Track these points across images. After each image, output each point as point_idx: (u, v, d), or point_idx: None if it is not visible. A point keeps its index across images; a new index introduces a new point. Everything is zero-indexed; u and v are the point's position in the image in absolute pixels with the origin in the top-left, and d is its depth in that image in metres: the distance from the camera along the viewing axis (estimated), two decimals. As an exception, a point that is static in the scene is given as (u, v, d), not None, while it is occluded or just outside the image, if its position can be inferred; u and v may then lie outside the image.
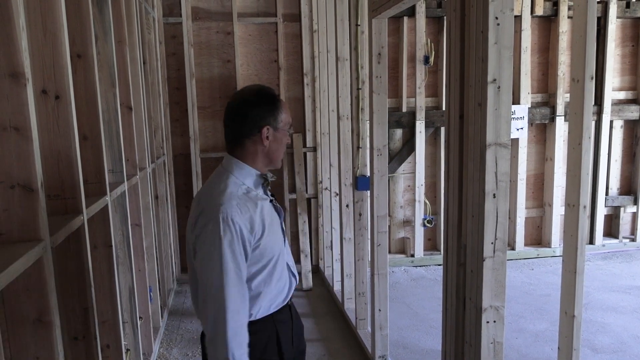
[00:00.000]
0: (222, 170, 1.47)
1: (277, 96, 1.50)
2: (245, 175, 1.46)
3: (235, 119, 1.45)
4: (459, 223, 1.62)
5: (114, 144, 2.41)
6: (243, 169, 1.46)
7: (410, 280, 4.31)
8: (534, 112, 4.71)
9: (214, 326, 1.34)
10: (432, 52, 4.52)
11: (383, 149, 2.63)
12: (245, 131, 1.44)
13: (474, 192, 1.51)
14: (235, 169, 1.45)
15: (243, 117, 1.43)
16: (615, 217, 5.05)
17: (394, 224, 4.77)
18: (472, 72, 1.49)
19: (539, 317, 3.51)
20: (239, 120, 1.44)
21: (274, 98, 1.48)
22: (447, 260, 1.73)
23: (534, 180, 4.93)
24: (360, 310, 3.20)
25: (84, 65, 1.98)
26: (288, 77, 4.43)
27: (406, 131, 4.68)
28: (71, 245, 1.68)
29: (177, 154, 4.36)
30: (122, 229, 2.49)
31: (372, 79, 2.57)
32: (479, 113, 1.47)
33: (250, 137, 1.44)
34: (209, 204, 1.38)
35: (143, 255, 2.89)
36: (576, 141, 1.67)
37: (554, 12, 4.63)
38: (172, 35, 4.23)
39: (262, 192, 1.49)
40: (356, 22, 3.01)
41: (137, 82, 3.02)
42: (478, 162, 1.48)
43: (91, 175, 2.03)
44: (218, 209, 1.35)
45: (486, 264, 1.49)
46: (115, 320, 2.12)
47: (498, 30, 1.40)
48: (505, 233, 1.50)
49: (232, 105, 1.47)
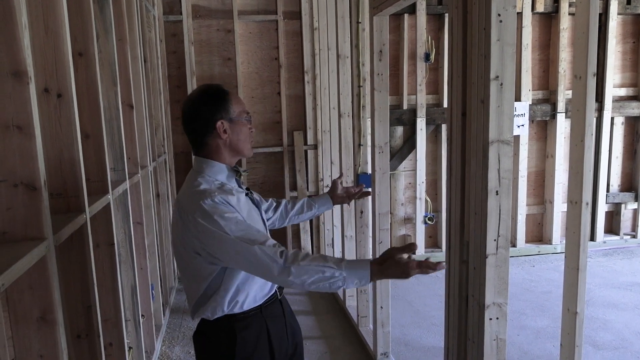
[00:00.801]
0: (193, 173, 1.52)
1: (223, 89, 1.53)
2: (216, 171, 1.50)
3: (190, 121, 1.50)
4: (461, 220, 1.62)
5: (116, 142, 2.41)
6: (213, 166, 1.50)
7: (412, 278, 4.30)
8: (535, 109, 4.71)
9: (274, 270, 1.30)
10: (433, 49, 4.51)
11: (385, 146, 2.63)
12: (202, 130, 1.49)
13: (477, 189, 1.51)
14: (205, 168, 1.49)
15: (196, 118, 1.49)
16: (616, 213, 5.05)
17: (395, 222, 4.77)
18: (475, 69, 1.49)
19: (540, 314, 3.51)
20: (193, 122, 1.49)
21: (221, 92, 1.52)
22: (450, 258, 1.73)
23: (535, 177, 4.93)
24: (361, 307, 3.20)
25: (86, 64, 1.98)
26: (289, 75, 4.43)
27: (407, 129, 4.68)
28: (74, 243, 1.68)
29: (178, 152, 4.36)
30: (124, 227, 2.49)
31: (373, 77, 2.57)
32: (482, 110, 1.46)
33: (208, 134, 1.48)
34: (189, 202, 1.42)
35: (145, 253, 2.90)
36: (578, 138, 1.67)
37: (555, 9, 4.62)
38: (172, 33, 4.23)
39: (236, 185, 1.53)
40: (357, 20, 3.00)
41: (138, 80, 3.02)
42: (480, 159, 1.48)
43: (93, 173, 2.03)
44: (198, 201, 1.38)
45: (489, 261, 1.50)
46: (117, 318, 2.13)
47: (501, 27, 1.40)
48: (508, 230, 1.50)
49: (184, 109, 1.52)
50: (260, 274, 1.37)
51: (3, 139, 1.22)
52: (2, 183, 1.24)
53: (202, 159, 1.50)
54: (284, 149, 4.44)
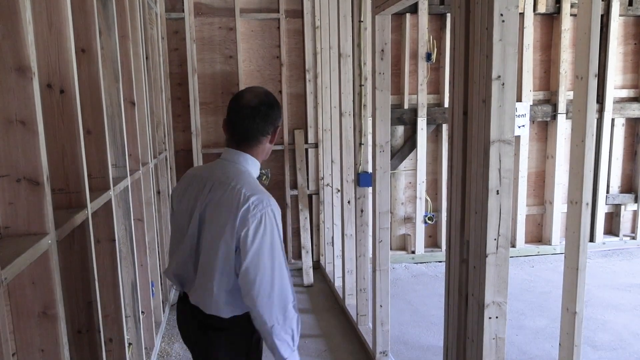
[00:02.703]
0: (238, 165, 1.54)
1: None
2: (255, 169, 1.56)
3: (257, 118, 1.51)
4: (461, 219, 1.63)
5: (117, 138, 2.41)
6: (255, 164, 1.56)
7: (411, 277, 4.32)
8: (536, 109, 4.71)
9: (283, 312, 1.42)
10: (435, 49, 4.52)
11: (385, 145, 2.63)
12: (263, 129, 1.53)
13: (477, 189, 1.52)
14: (250, 164, 1.54)
15: (265, 117, 1.52)
16: (616, 215, 5.06)
17: (395, 221, 4.78)
18: (477, 69, 1.49)
19: (539, 314, 3.52)
20: (261, 119, 1.52)
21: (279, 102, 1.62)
22: (450, 257, 1.74)
23: (535, 177, 4.94)
24: (361, 306, 3.21)
25: (88, 60, 1.98)
26: (290, 73, 4.43)
27: (408, 128, 4.69)
28: (75, 239, 1.69)
29: (179, 149, 4.37)
30: (125, 223, 2.50)
31: (375, 76, 2.58)
32: (483, 110, 1.47)
33: (266, 135, 1.54)
34: (258, 199, 1.42)
35: (145, 250, 2.90)
36: (579, 138, 1.67)
37: (557, 10, 4.62)
38: (174, 30, 4.23)
39: None
40: (359, 19, 3.01)
41: (140, 77, 3.02)
42: (482, 159, 1.49)
43: (95, 169, 2.03)
44: (267, 204, 1.42)
45: (489, 260, 1.50)
46: (118, 314, 2.13)
47: (503, 27, 1.40)
48: (508, 229, 1.51)
49: (253, 104, 1.52)
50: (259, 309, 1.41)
51: (6, 134, 1.23)
52: (5, 178, 1.25)
53: (246, 155, 1.54)
54: (284, 147, 4.45)
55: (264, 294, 1.39)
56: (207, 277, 1.48)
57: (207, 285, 1.48)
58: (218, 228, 1.44)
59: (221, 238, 1.43)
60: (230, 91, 4.35)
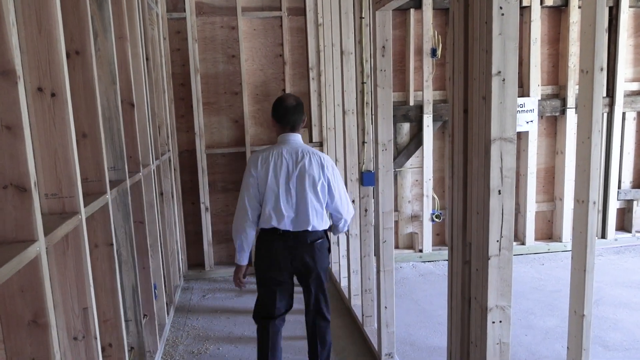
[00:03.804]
0: (300, 140, 2.50)
1: None
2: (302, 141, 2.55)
3: (300, 112, 2.50)
4: (463, 220, 1.57)
5: (116, 141, 2.38)
6: (301, 138, 2.52)
7: (419, 276, 4.27)
8: (544, 104, 4.63)
9: (349, 205, 2.57)
10: (440, 44, 4.45)
11: (388, 143, 2.58)
12: (301, 119, 2.52)
13: (479, 189, 1.47)
14: (300, 138, 2.52)
15: (301, 111, 2.52)
16: (628, 210, 4.96)
17: (401, 219, 4.72)
18: (476, 65, 1.44)
19: (549, 314, 3.45)
20: (300, 114, 2.51)
21: None
22: (452, 259, 1.69)
23: (545, 173, 4.85)
24: (366, 307, 3.17)
25: (82, 62, 1.96)
26: (293, 72, 4.39)
27: (414, 125, 4.63)
28: (70, 244, 1.67)
29: (183, 150, 4.34)
30: (125, 226, 2.47)
31: (376, 73, 2.53)
32: (484, 107, 1.42)
33: (302, 122, 2.54)
34: (327, 158, 2.49)
35: (147, 252, 2.88)
36: (585, 135, 1.61)
37: (565, 2, 4.53)
38: (176, 30, 4.21)
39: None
40: (360, 15, 2.95)
41: (140, 78, 3.00)
42: (483, 158, 1.44)
43: (91, 173, 2.01)
44: (327, 156, 2.53)
45: (491, 263, 1.45)
46: (117, 319, 2.11)
47: (502, 21, 1.35)
48: (511, 230, 1.46)
49: (297, 103, 2.51)
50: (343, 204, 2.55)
51: (-9, 140, 1.20)
52: (-9, 184, 1.22)
53: (298, 134, 2.50)
54: (289, 146, 4.40)
55: (342, 203, 2.50)
56: (306, 209, 2.38)
57: (308, 214, 2.38)
58: (313, 178, 2.39)
59: (317, 183, 2.39)
60: (234, 91, 4.32)
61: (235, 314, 3.60)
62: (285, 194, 2.37)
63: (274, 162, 2.38)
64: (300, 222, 2.38)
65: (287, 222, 2.38)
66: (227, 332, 3.33)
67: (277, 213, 2.37)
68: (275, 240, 2.40)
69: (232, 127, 4.37)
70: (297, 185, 2.37)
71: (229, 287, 4.14)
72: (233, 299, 3.89)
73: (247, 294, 3.96)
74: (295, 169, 2.37)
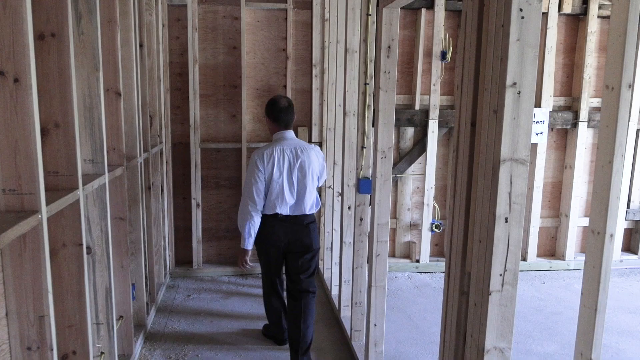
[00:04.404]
0: (294, 137, 2.88)
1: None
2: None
3: (292, 112, 2.89)
4: (463, 247, 1.40)
5: (96, 132, 2.22)
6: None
7: (414, 288, 4.10)
8: (556, 116, 4.44)
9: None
10: (450, 47, 4.27)
11: (388, 151, 2.41)
12: (293, 117, 2.92)
13: (483, 214, 1.30)
14: (294, 135, 2.90)
15: (293, 111, 2.91)
16: (635, 231, 4.77)
17: (399, 227, 4.55)
18: (489, 73, 1.27)
19: (548, 338, 3.28)
20: (293, 113, 2.90)
21: None
22: (448, 287, 1.51)
23: (551, 188, 4.67)
24: (355, 320, 3.00)
25: (59, 46, 1.79)
26: (296, 68, 4.21)
27: (418, 130, 4.45)
28: (27, 246, 1.51)
29: (177, 142, 4.18)
30: (102, 224, 2.31)
31: (379, 75, 2.35)
32: (494, 122, 1.24)
33: (293, 121, 2.93)
34: (318, 148, 2.91)
35: (127, 250, 2.72)
36: (606, 159, 1.43)
37: (584, 11, 4.33)
38: (176, 18, 4.03)
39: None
40: (367, 11, 2.77)
41: (130, 66, 2.83)
42: (489, 180, 1.26)
43: (62, 166, 1.85)
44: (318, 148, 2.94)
45: (492, 299, 1.28)
46: (82, 324, 1.95)
47: (522, 25, 1.17)
48: (516, 264, 1.28)
49: (289, 104, 2.89)
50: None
51: None
52: None
53: (292, 131, 2.89)
54: (287, 145, 4.23)
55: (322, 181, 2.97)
56: (303, 196, 2.77)
57: (304, 200, 2.78)
58: (312, 169, 2.79)
59: (315, 173, 2.82)
60: (233, 84, 4.15)
61: (220, 318, 3.44)
62: (289, 184, 2.75)
63: (278, 157, 2.73)
64: (299, 207, 2.79)
65: (288, 208, 2.77)
66: (209, 337, 3.17)
67: (281, 201, 2.74)
68: (277, 223, 2.78)
69: (229, 122, 4.20)
70: (298, 177, 2.76)
71: (216, 288, 3.98)
72: (219, 300, 3.73)
73: (233, 296, 3.80)
74: (296, 163, 2.75)
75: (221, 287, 4.01)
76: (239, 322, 3.40)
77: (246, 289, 3.96)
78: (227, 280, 4.14)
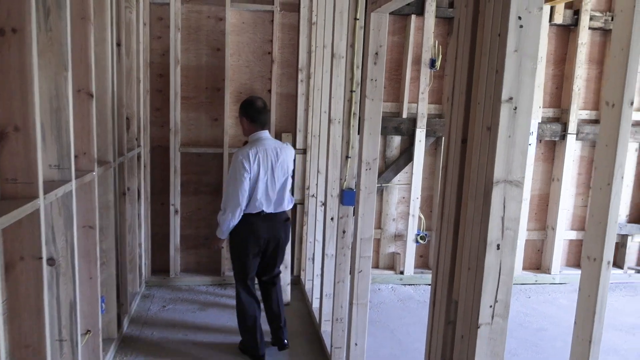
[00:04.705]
0: (270, 136, 2.97)
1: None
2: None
3: (267, 113, 2.99)
4: (450, 274, 1.30)
5: (63, 136, 2.07)
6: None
7: (397, 301, 3.99)
8: (544, 127, 4.38)
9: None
10: (440, 55, 4.19)
11: (373, 162, 2.30)
12: (268, 118, 3.19)
13: (473, 240, 1.19)
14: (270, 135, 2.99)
15: (268, 112, 3.06)
16: (621, 245, 4.72)
17: (384, 238, 4.45)
18: (482, 86, 1.16)
19: (534, 356, 3.19)
20: (268, 114, 3.04)
21: None
22: (433, 315, 1.41)
23: (538, 200, 4.60)
24: (336, 337, 2.88)
25: (19, 42, 1.65)
26: (282, 72, 4.10)
27: (405, 139, 4.36)
28: (-27, 262, 1.37)
29: (156, 145, 4.03)
30: (67, 233, 2.16)
31: (366, 82, 2.25)
32: (487, 139, 1.14)
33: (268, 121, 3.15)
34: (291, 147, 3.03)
35: (96, 260, 2.56)
36: (604, 180, 1.34)
37: (574, 22, 4.28)
38: (158, 17, 3.89)
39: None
40: (355, 16, 2.67)
41: (105, 65, 2.69)
42: (481, 202, 1.16)
43: (21, 173, 1.71)
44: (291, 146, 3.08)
45: (481, 332, 1.17)
46: (40, 343, 1.80)
47: (520, 34, 1.07)
48: (508, 294, 1.18)
49: (265, 105, 2.95)
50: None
51: None
52: None
53: (267, 132, 2.95)
54: (270, 151, 4.11)
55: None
56: (283, 193, 2.91)
57: (284, 197, 2.92)
58: (288, 166, 2.92)
59: (290, 170, 2.94)
60: (216, 87, 4.02)
61: (195, 331, 3.29)
62: (271, 183, 2.85)
63: (262, 157, 2.81)
64: (279, 204, 2.91)
65: (271, 206, 2.87)
66: (183, 351, 3.02)
67: (266, 199, 2.85)
68: (259, 220, 2.86)
69: (211, 126, 4.07)
70: (279, 175, 2.87)
71: (193, 298, 3.83)
72: (195, 312, 3.59)
73: (210, 308, 3.66)
74: (277, 161, 2.85)
75: (199, 297, 3.86)
76: (215, 335, 3.26)
77: (224, 300, 3.82)
78: (205, 290, 4.00)
